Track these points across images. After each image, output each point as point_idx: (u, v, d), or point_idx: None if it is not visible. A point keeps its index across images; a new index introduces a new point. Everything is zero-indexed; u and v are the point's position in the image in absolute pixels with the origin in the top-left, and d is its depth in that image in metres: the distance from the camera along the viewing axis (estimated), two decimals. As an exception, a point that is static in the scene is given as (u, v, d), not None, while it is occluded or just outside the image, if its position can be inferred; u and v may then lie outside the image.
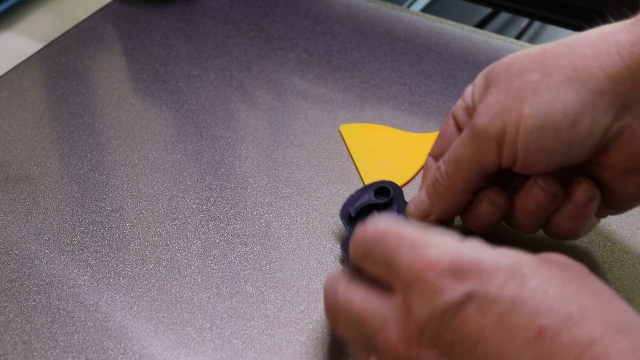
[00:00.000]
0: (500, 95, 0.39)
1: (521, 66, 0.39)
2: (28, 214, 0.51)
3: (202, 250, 0.49)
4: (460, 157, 0.41)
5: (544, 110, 0.38)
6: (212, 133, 0.57)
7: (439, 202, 0.43)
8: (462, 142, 0.41)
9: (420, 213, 0.44)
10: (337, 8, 0.69)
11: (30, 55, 0.64)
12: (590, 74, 0.37)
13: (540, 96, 0.38)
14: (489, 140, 0.39)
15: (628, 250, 0.49)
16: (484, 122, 0.39)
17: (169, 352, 0.44)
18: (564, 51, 0.38)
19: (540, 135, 0.38)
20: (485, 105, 0.39)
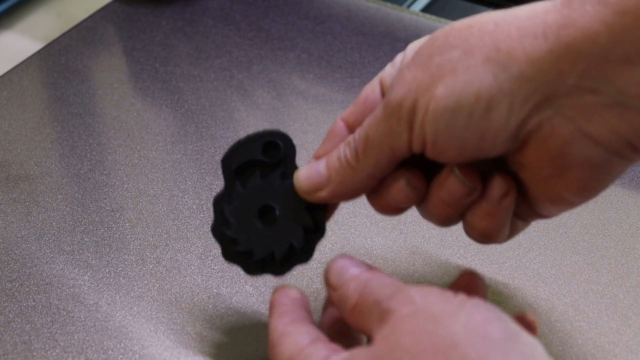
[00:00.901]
0: (418, 72, 0.35)
1: (444, 41, 0.35)
2: (28, 214, 0.51)
3: (202, 250, 0.49)
4: (372, 135, 0.37)
5: (457, 92, 0.34)
6: (212, 133, 0.57)
7: (339, 180, 0.38)
8: (374, 119, 0.37)
9: (312, 185, 0.39)
10: (337, 8, 0.69)
11: (30, 55, 0.64)
12: (512, 56, 0.33)
13: (457, 76, 0.34)
14: (400, 119, 0.35)
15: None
16: (397, 98, 0.35)
17: (169, 352, 0.44)
18: (490, 29, 0.34)
19: (451, 119, 0.34)
20: (400, 80, 0.36)
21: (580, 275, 0.48)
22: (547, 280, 0.48)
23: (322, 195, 0.39)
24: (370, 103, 0.39)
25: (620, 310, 0.46)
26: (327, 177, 0.39)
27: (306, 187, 0.39)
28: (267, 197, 0.40)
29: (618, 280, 0.48)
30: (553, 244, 0.50)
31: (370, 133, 0.37)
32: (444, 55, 0.35)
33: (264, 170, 0.40)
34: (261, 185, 0.40)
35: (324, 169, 0.39)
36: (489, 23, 0.34)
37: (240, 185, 0.40)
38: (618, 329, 0.45)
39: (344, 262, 0.38)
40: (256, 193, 0.40)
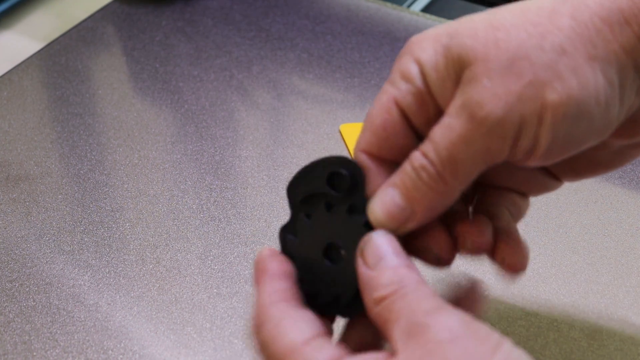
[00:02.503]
0: (508, 82, 0.32)
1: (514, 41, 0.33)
2: (28, 214, 0.51)
3: (202, 250, 0.49)
4: (462, 156, 0.33)
5: (576, 97, 0.32)
6: (212, 133, 0.57)
7: (425, 207, 0.35)
8: (460, 139, 0.33)
9: (395, 221, 0.35)
10: (337, 8, 0.69)
11: (30, 55, 0.64)
12: (611, 49, 0.32)
13: (566, 80, 0.32)
14: (504, 136, 0.33)
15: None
16: (498, 115, 0.32)
17: (169, 352, 0.44)
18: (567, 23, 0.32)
19: (572, 126, 0.32)
20: (490, 94, 0.32)
21: (580, 275, 0.48)
22: (547, 280, 0.48)
23: (411, 227, 0.35)
24: (392, 129, 0.36)
25: (620, 310, 0.46)
26: (410, 209, 0.35)
27: (391, 224, 0.35)
28: (333, 233, 0.36)
29: (618, 280, 0.48)
30: (553, 244, 0.50)
31: (459, 154, 0.33)
32: (531, 59, 0.32)
33: (330, 200, 0.37)
34: (326, 220, 0.36)
35: (402, 201, 0.35)
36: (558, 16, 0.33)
37: (305, 217, 0.37)
38: (618, 328, 0.45)
39: (385, 242, 0.34)
40: (321, 228, 0.36)
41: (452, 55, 0.34)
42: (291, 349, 0.32)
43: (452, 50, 0.34)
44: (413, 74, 0.35)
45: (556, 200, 0.52)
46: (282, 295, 0.34)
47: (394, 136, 0.36)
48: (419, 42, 0.35)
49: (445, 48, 0.34)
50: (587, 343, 0.44)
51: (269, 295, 0.34)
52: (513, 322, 0.45)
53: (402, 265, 0.33)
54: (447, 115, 0.33)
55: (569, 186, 0.53)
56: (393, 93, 0.35)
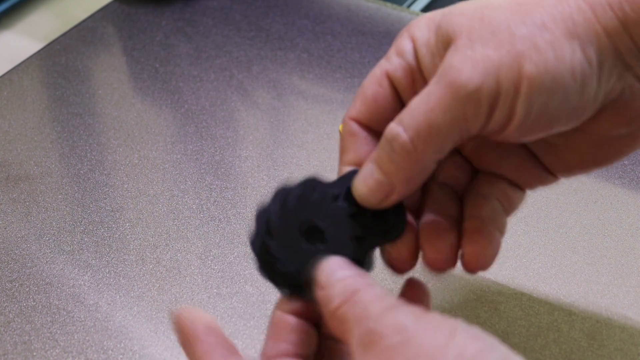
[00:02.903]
0: (488, 50, 0.33)
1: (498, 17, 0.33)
2: (28, 214, 0.51)
3: (202, 250, 0.49)
4: (437, 123, 0.33)
5: (552, 70, 0.32)
6: (212, 133, 0.57)
7: (403, 178, 0.35)
8: (438, 106, 0.33)
9: (377, 195, 0.35)
10: (337, 8, 0.69)
11: (30, 55, 0.64)
12: (592, 29, 0.32)
13: (543, 53, 0.32)
14: (479, 103, 0.33)
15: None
16: (475, 82, 0.32)
17: (169, 352, 0.44)
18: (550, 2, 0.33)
19: (547, 99, 0.33)
20: (470, 61, 0.33)
21: (580, 275, 0.48)
22: (547, 280, 0.48)
23: (394, 200, 0.36)
24: (382, 100, 0.37)
25: (620, 310, 0.46)
26: (389, 183, 0.35)
27: (373, 199, 0.35)
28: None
29: (618, 280, 0.48)
30: (553, 244, 0.50)
31: (435, 120, 0.33)
32: (512, 31, 0.33)
33: None
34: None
35: (380, 175, 0.35)
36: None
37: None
38: (618, 329, 0.45)
39: (336, 262, 0.35)
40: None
41: (441, 30, 0.35)
42: None
43: (442, 26, 0.35)
44: (406, 49, 0.36)
45: (556, 200, 0.52)
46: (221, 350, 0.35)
47: (383, 108, 0.37)
48: (417, 22, 0.37)
49: (437, 25, 0.35)
50: (587, 343, 0.44)
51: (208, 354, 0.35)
52: (513, 322, 0.45)
53: (350, 275, 0.33)
54: (429, 84, 0.34)
55: (569, 186, 0.53)
56: (386, 67, 0.37)
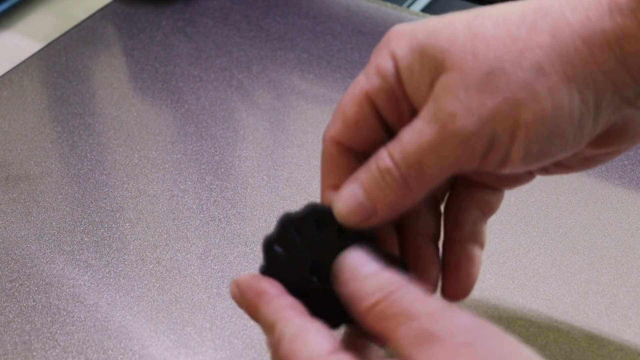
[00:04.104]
0: (484, 96, 0.32)
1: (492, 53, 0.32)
2: (28, 214, 0.51)
3: (202, 250, 0.49)
4: (429, 163, 0.33)
5: (549, 118, 0.32)
6: (212, 133, 0.57)
7: (387, 206, 0.34)
8: (430, 147, 0.33)
9: (356, 216, 0.35)
10: (337, 8, 0.69)
11: (30, 55, 0.64)
12: (589, 71, 0.32)
13: (541, 101, 0.32)
14: (474, 150, 0.32)
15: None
16: (470, 130, 0.32)
17: (169, 352, 0.44)
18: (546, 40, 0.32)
19: (545, 144, 0.33)
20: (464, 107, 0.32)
21: (580, 275, 0.48)
22: (547, 280, 0.48)
23: (372, 223, 0.35)
24: (363, 122, 0.36)
25: (620, 310, 0.46)
26: (372, 207, 0.35)
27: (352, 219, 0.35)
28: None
29: (618, 280, 0.48)
30: (553, 244, 0.50)
31: (426, 161, 0.33)
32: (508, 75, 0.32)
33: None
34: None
35: (364, 198, 0.35)
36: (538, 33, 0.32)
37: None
38: (618, 329, 0.45)
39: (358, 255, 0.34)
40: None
41: (427, 56, 0.34)
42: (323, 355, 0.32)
43: (428, 51, 0.34)
44: (387, 70, 0.35)
45: (556, 200, 0.52)
46: (293, 310, 0.34)
47: (364, 129, 0.36)
48: (398, 36, 0.35)
49: (421, 48, 0.34)
50: (587, 343, 0.44)
51: (280, 312, 0.34)
52: (513, 322, 0.45)
53: (382, 270, 0.33)
54: (419, 119, 0.33)
55: (569, 186, 0.53)
56: (366, 86, 0.35)
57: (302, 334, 0.33)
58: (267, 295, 0.35)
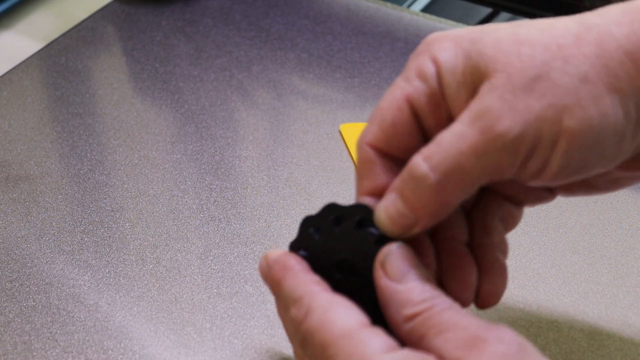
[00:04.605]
0: (530, 99, 0.31)
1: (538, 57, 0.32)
2: (28, 214, 0.51)
3: (202, 250, 0.49)
4: (469, 167, 0.32)
5: (595, 126, 0.31)
6: (212, 133, 0.57)
7: (427, 214, 0.33)
8: (471, 150, 0.32)
9: (398, 227, 0.34)
10: (337, 8, 0.69)
11: (30, 55, 0.64)
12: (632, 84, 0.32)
13: (586, 108, 0.31)
14: (517, 153, 0.32)
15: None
16: (515, 132, 0.31)
17: (169, 352, 0.44)
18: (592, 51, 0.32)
19: (585, 154, 0.32)
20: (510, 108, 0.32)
21: (580, 275, 0.48)
22: (547, 280, 0.48)
23: (416, 232, 0.34)
24: (401, 127, 0.35)
25: (620, 310, 0.46)
26: (413, 216, 0.34)
27: (395, 230, 0.34)
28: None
29: (618, 280, 0.48)
30: (553, 244, 0.50)
31: (467, 165, 0.32)
32: (555, 80, 0.32)
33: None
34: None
35: (404, 209, 0.34)
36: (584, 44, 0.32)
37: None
38: (618, 329, 0.45)
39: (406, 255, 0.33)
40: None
41: (472, 62, 0.33)
42: (344, 334, 0.31)
43: (473, 57, 0.33)
44: (429, 73, 0.34)
45: (556, 200, 0.52)
46: (320, 286, 0.34)
47: (402, 134, 0.35)
48: (439, 41, 0.35)
49: (466, 53, 0.33)
50: (587, 343, 0.44)
51: (307, 286, 0.34)
52: (513, 322, 0.45)
53: (427, 280, 0.33)
54: (460, 122, 0.32)
55: (569, 186, 0.53)
56: (407, 90, 0.35)
57: (334, 306, 0.32)
58: (294, 270, 0.35)
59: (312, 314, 0.32)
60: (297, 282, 0.34)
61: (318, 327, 0.32)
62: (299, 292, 0.34)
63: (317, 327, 0.32)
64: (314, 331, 0.32)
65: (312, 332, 0.32)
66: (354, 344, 0.31)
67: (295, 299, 0.33)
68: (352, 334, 0.31)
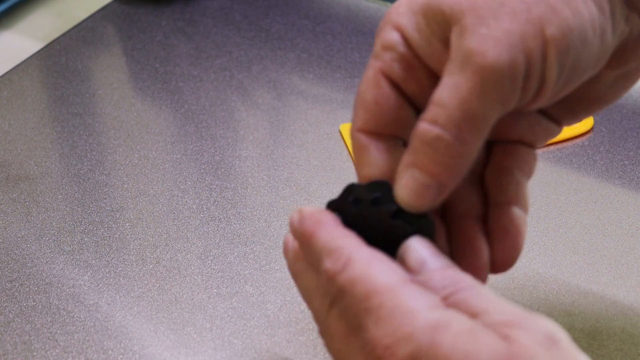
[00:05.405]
0: (505, 23, 0.31)
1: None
2: (28, 214, 0.51)
3: (202, 250, 0.49)
4: (477, 111, 0.32)
5: (574, 28, 0.31)
6: (212, 133, 0.57)
7: (451, 175, 0.33)
8: (472, 94, 0.31)
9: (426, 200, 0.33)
10: (337, 8, 0.69)
11: (30, 55, 0.64)
12: None
13: (560, 12, 0.31)
14: (514, 79, 0.31)
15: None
16: (505, 60, 0.31)
17: (169, 352, 0.44)
18: None
19: (574, 57, 0.32)
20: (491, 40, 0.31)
21: (580, 275, 0.48)
22: (547, 280, 0.48)
23: (441, 200, 0.33)
24: (384, 102, 0.35)
25: (620, 310, 0.46)
26: (437, 183, 0.33)
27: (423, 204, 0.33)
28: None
29: (618, 280, 0.48)
30: (553, 244, 0.50)
31: (474, 109, 0.32)
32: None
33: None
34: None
35: (427, 178, 0.33)
36: None
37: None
38: (618, 329, 0.45)
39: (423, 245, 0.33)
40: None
41: (432, 11, 0.33)
42: (390, 286, 0.30)
43: (432, 6, 0.33)
44: (395, 41, 0.34)
45: (556, 200, 0.52)
46: (358, 240, 0.33)
47: (387, 109, 0.35)
48: (395, 9, 0.35)
49: (424, 6, 0.33)
50: (587, 343, 0.44)
51: (345, 239, 0.33)
52: (513, 322, 0.45)
53: (447, 266, 0.32)
54: (448, 74, 0.32)
55: (569, 186, 0.53)
56: (378, 65, 0.35)
57: (376, 260, 0.31)
58: (330, 223, 0.34)
59: (353, 264, 0.31)
60: (334, 234, 0.33)
61: (360, 277, 0.31)
62: (337, 243, 0.32)
63: (360, 277, 0.31)
64: (355, 281, 0.31)
65: (354, 282, 0.31)
66: (399, 296, 0.30)
67: (332, 250, 0.32)
68: (396, 287, 0.30)
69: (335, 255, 0.32)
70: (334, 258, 0.32)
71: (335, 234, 0.33)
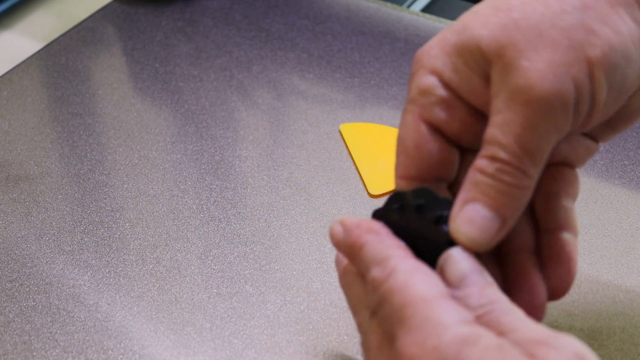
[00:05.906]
0: (546, 53, 0.31)
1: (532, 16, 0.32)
2: (28, 214, 0.51)
3: (202, 250, 0.49)
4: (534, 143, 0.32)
5: (616, 46, 0.32)
6: (212, 133, 0.57)
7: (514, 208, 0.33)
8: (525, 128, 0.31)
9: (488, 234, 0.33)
10: (337, 8, 0.69)
11: (30, 55, 0.64)
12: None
13: (600, 32, 0.31)
14: (565, 107, 0.31)
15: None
16: (552, 89, 0.31)
17: (169, 352, 0.44)
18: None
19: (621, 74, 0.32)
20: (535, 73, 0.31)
21: (580, 275, 0.48)
22: (547, 280, 0.48)
23: (501, 236, 0.34)
24: (424, 146, 0.35)
25: (620, 310, 0.46)
26: (500, 216, 0.33)
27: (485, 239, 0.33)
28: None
29: (618, 280, 0.48)
30: (553, 244, 0.50)
31: (531, 142, 0.32)
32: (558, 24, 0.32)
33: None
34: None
35: (490, 211, 0.33)
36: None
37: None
38: (618, 328, 0.45)
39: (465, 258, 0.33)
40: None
41: (469, 50, 0.33)
42: (425, 298, 0.30)
43: (467, 45, 0.33)
44: (432, 85, 0.34)
45: (556, 200, 0.52)
46: (407, 251, 0.33)
47: (428, 153, 0.35)
48: (426, 52, 0.35)
49: (458, 46, 0.33)
50: (587, 343, 0.44)
51: (394, 249, 0.33)
52: (513, 322, 0.45)
53: (487, 284, 0.32)
54: (497, 113, 0.32)
55: (569, 186, 0.53)
56: (416, 110, 0.35)
57: (418, 272, 0.32)
58: (380, 233, 0.34)
59: (396, 274, 0.32)
60: (384, 244, 0.33)
61: (400, 287, 0.31)
62: (386, 253, 0.33)
63: (400, 287, 0.31)
64: (395, 291, 0.31)
65: (393, 292, 0.31)
66: (433, 309, 0.30)
67: (380, 260, 0.33)
68: (432, 300, 0.30)
69: (382, 265, 0.32)
70: (381, 267, 0.32)
71: (385, 244, 0.33)
